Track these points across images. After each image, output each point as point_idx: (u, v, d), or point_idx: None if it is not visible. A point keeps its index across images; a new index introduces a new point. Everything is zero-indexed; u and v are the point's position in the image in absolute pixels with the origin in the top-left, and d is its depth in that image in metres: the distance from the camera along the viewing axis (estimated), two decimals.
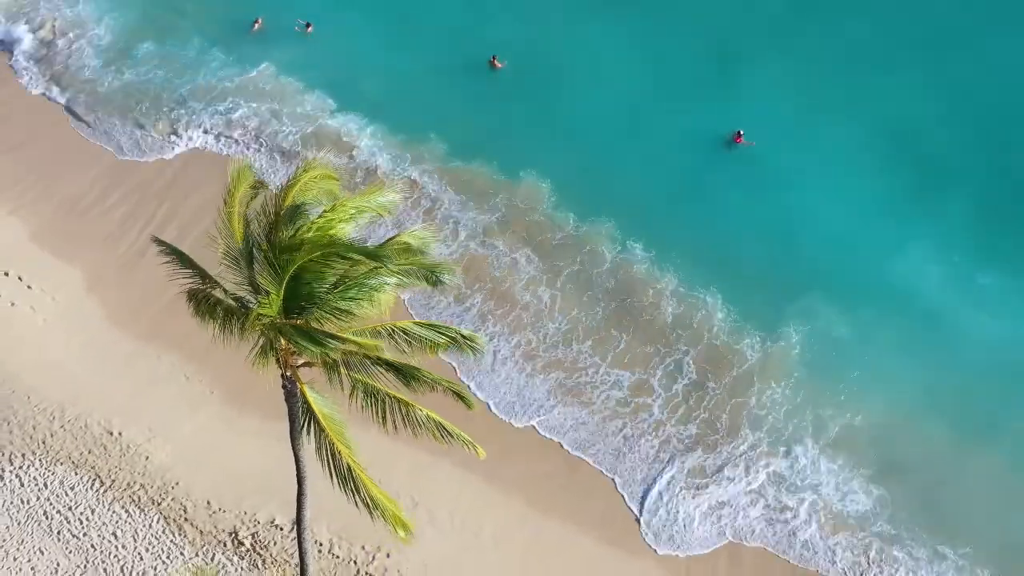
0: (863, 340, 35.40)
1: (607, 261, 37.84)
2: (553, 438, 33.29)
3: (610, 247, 38.22)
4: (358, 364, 19.45)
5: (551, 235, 38.78)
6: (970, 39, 45.03)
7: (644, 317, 36.30)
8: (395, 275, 18.95)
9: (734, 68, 44.04)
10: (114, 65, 45.09)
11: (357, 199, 19.73)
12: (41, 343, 34.63)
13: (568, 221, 39.10)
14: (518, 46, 44.97)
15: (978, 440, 33.01)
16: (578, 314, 36.34)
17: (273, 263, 18.41)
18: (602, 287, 37.15)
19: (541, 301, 36.80)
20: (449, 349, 20.05)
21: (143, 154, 41.81)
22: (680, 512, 31.37)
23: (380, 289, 18.76)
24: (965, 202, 39.06)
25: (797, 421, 33.48)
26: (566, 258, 38.02)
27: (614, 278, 37.40)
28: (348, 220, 19.16)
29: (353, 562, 29.73)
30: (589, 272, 37.56)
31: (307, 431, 19.97)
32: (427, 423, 19.76)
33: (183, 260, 20.99)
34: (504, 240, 38.66)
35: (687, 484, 32.11)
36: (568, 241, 38.58)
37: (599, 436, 33.22)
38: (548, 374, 34.80)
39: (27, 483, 30.90)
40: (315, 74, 44.54)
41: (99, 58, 45.39)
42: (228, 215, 19.39)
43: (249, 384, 32.47)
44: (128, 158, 41.73)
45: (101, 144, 42.29)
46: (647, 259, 37.77)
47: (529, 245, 38.48)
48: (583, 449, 33.01)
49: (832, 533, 31.12)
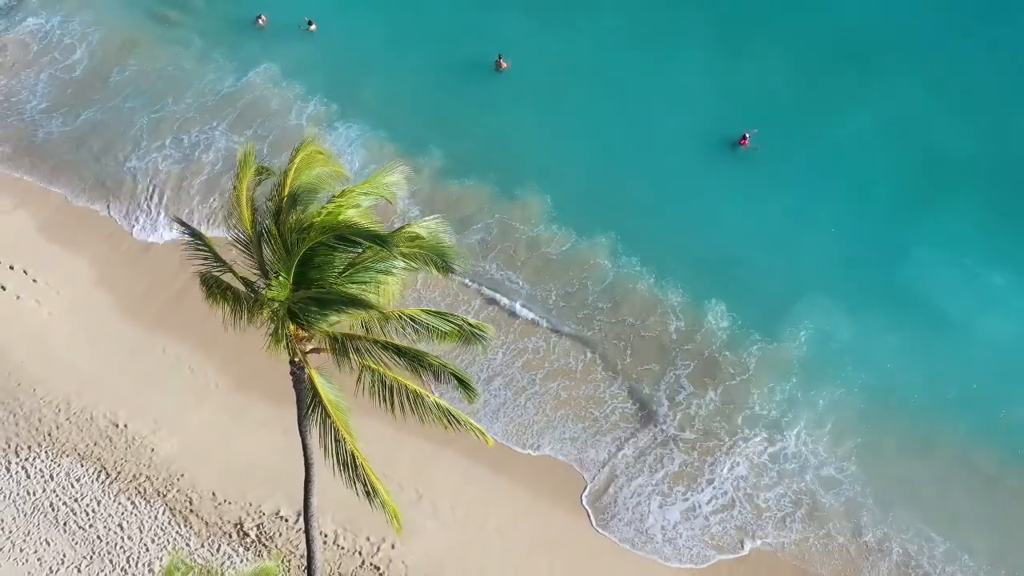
0: (868, 343, 35.14)
1: (609, 268, 37.50)
2: (560, 457, 32.89)
3: (611, 251, 37.95)
4: (366, 349, 19.56)
5: (548, 249, 38.32)
6: (976, 34, 44.90)
7: (646, 327, 35.94)
8: (402, 259, 19.05)
9: (738, 70, 43.90)
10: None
11: (363, 184, 19.95)
12: (47, 336, 34.80)
13: (570, 232, 38.66)
14: (524, 47, 44.86)
15: (981, 445, 32.69)
16: (578, 325, 36.01)
17: (283, 245, 18.55)
18: (601, 295, 36.76)
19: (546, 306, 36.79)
20: (456, 339, 20.10)
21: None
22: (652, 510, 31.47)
23: (388, 272, 18.90)
24: (969, 204, 38.77)
25: (796, 420, 33.32)
26: (568, 264, 37.81)
27: (613, 287, 37.00)
28: (356, 206, 19.35)
29: (358, 553, 29.84)
30: (586, 284, 37.18)
31: (312, 416, 20.06)
32: (435, 410, 19.85)
33: (202, 242, 21.01)
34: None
35: (673, 485, 32.07)
36: (570, 250, 38.21)
37: (589, 444, 33.04)
38: (548, 387, 34.36)
39: (33, 475, 31.03)
40: (315, 77, 44.33)
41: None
42: (237, 199, 19.52)
43: (255, 376, 33.19)
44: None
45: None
46: (650, 265, 37.39)
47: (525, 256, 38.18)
48: (583, 467, 32.72)
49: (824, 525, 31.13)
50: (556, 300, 36.69)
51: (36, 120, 43.17)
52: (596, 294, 36.78)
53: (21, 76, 45.20)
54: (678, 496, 31.80)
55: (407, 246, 19.10)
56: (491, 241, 38.39)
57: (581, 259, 37.75)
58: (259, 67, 44.82)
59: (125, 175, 40.92)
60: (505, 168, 40.45)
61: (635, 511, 31.55)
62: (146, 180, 40.58)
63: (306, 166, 19.89)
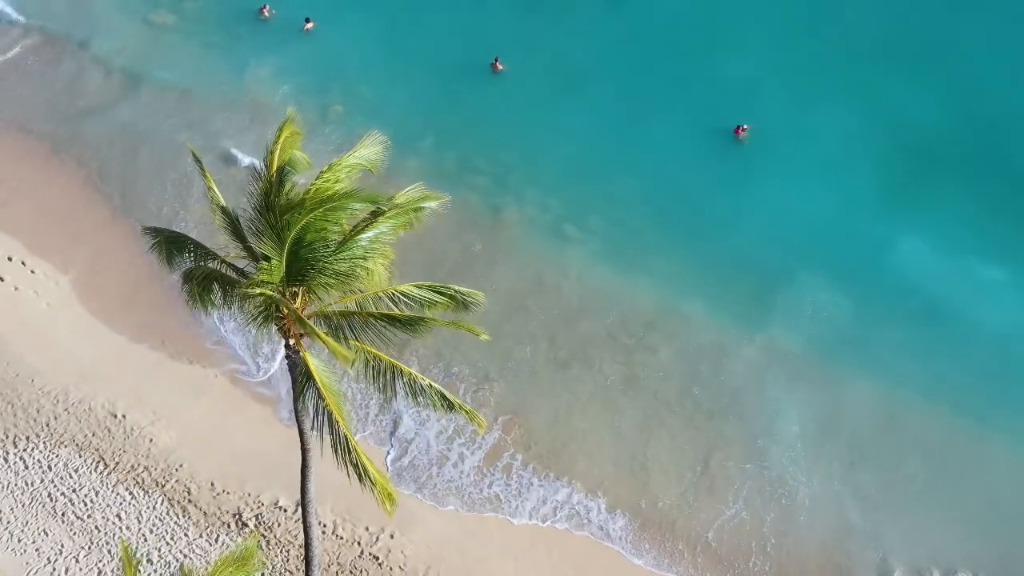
0: (866, 337, 35.12)
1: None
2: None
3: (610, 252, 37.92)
4: (361, 326, 19.47)
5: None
6: (971, 26, 45.00)
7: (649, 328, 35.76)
8: (389, 221, 19.28)
9: (733, 64, 43.92)
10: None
11: (346, 157, 20.14)
12: (45, 327, 34.69)
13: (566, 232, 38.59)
14: (522, 48, 44.87)
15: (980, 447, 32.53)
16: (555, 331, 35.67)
17: (273, 226, 18.41)
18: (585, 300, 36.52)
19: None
20: (448, 308, 20.20)
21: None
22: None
23: (377, 241, 18.89)
24: (963, 196, 38.87)
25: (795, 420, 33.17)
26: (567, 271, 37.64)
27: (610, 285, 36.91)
28: (344, 180, 19.54)
29: (357, 543, 29.66)
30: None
31: (306, 398, 19.96)
32: (429, 391, 19.77)
33: (177, 243, 20.94)
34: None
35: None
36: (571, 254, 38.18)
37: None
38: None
39: (31, 465, 30.91)
40: (311, 76, 44.07)
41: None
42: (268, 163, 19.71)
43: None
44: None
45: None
46: (650, 266, 37.33)
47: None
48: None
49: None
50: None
51: (33, 111, 43.07)
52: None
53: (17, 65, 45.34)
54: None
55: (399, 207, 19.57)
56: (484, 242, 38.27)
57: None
58: (255, 63, 44.70)
59: (123, 167, 40.83)
60: (503, 168, 40.36)
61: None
62: (148, 172, 40.51)
63: (291, 145, 19.90)
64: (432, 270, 34.87)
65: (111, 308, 35.58)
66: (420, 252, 34.93)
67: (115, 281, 36.43)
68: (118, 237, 37.89)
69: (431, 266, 35.57)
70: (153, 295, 35.59)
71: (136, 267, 36.55)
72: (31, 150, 41.55)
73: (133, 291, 36.06)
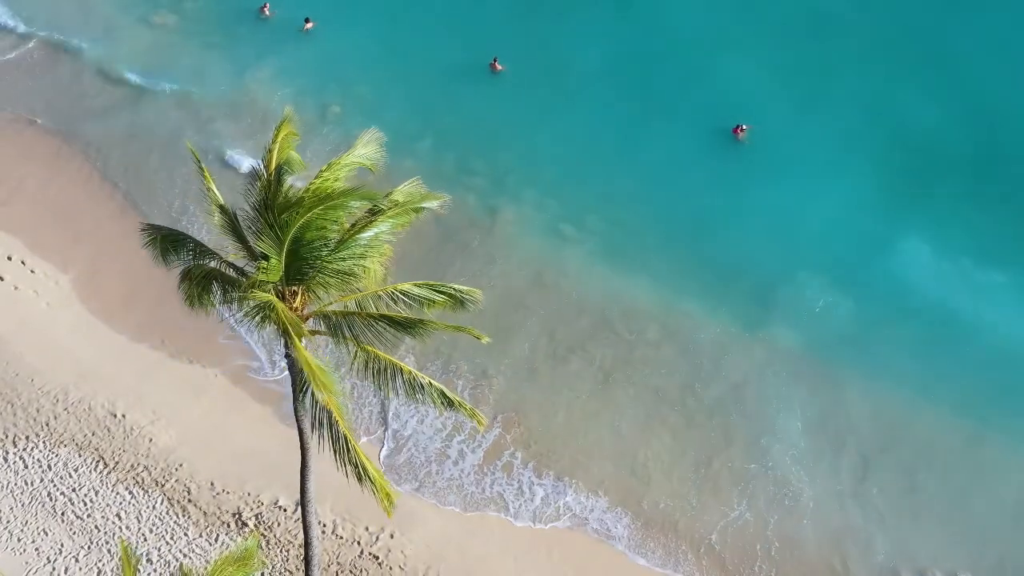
0: (864, 336, 35.09)
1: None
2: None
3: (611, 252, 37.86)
4: (361, 326, 19.45)
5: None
6: (971, 27, 45.02)
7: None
8: (389, 220, 19.26)
9: (732, 63, 43.91)
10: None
11: (345, 156, 20.11)
12: (45, 326, 34.67)
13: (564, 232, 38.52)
14: (520, 49, 44.84)
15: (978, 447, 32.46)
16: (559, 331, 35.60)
17: (272, 225, 18.38)
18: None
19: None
20: (447, 307, 20.22)
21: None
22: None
23: (377, 240, 18.94)
24: (963, 196, 38.87)
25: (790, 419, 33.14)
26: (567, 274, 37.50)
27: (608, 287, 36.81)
28: (343, 179, 19.51)
29: (357, 543, 29.62)
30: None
31: (306, 398, 19.92)
32: (429, 389, 19.75)
33: (175, 241, 20.90)
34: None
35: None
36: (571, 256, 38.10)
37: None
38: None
39: (31, 465, 30.89)
40: (309, 76, 43.94)
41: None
42: (267, 162, 19.66)
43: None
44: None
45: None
46: (650, 266, 37.25)
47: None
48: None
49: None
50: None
51: (33, 112, 43.07)
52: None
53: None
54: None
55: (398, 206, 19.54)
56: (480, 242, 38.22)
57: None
58: (255, 63, 44.65)
59: (123, 167, 40.81)
60: (501, 168, 40.34)
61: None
62: (148, 172, 40.48)
63: (288, 145, 19.90)
64: (431, 269, 34.80)
65: (111, 308, 35.58)
66: (419, 251, 34.98)
67: (115, 281, 36.41)
68: (118, 237, 37.80)
69: (430, 265, 35.56)
70: (153, 295, 35.50)
71: (136, 267, 36.43)
72: (31, 150, 41.54)
73: (133, 290, 36.01)
